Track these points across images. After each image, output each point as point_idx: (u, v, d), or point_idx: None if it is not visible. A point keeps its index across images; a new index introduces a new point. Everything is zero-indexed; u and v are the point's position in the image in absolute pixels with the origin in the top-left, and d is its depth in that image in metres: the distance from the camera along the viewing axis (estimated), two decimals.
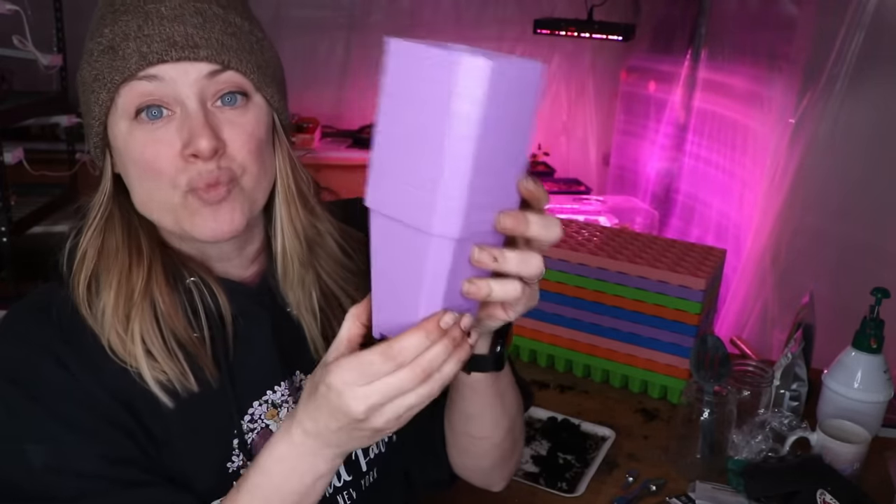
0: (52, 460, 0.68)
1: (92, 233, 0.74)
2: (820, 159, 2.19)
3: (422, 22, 3.81)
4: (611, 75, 4.01)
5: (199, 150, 0.67)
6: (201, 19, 0.68)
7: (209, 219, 0.70)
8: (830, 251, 2.18)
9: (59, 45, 2.62)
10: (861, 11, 1.98)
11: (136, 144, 0.69)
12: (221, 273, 0.79)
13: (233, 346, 0.76)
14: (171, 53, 0.66)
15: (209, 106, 0.69)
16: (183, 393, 0.72)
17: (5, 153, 2.26)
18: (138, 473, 0.71)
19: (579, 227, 1.76)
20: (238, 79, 0.70)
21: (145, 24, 0.67)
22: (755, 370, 1.46)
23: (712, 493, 1.25)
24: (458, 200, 0.51)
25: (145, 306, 0.72)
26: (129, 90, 0.68)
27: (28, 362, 0.70)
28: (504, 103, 0.51)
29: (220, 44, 0.68)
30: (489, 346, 0.71)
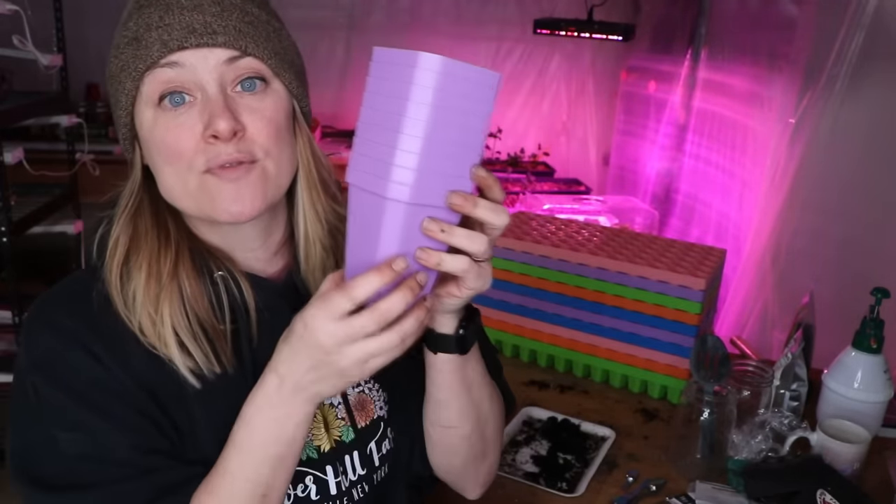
0: (82, 448, 0.70)
1: (123, 221, 0.76)
2: (820, 159, 2.19)
3: (422, 22, 3.81)
4: (611, 75, 4.01)
5: (217, 130, 0.69)
6: (219, 8, 0.71)
7: (229, 199, 0.72)
8: (830, 251, 2.18)
9: (59, 45, 2.62)
10: (861, 11, 1.98)
11: (159, 130, 0.72)
12: (245, 267, 0.81)
13: (256, 337, 0.78)
14: (191, 40, 0.69)
15: (229, 91, 0.72)
16: (210, 375, 0.74)
17: (5, 153, 2.27)
18: (164, 461, 0.73)
19: (579, 227, 1.76)
20: (256, 64, 0.72)
21: (166, 14, 0.70)
22: (755, 370, 1.46)
23: (712, 493, 1.25)
24: (408, 170, 0.61)
25: (173, 288, 0.74)
26: (152, 78, 0.71)
27: (58, 351, 0.72)
28: (456, 96, 0.61)
29: (237, 31, 0.71)
30: (454, 328, 0.76)
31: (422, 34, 3.79)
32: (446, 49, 3.21)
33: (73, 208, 2.81)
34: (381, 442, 0.88)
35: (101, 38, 3.86)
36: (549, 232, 1.71)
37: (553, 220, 1.81)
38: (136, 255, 0.75)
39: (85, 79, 3.51)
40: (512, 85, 4.01)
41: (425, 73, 0.60)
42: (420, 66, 0.60)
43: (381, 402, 0.88)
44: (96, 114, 3.45)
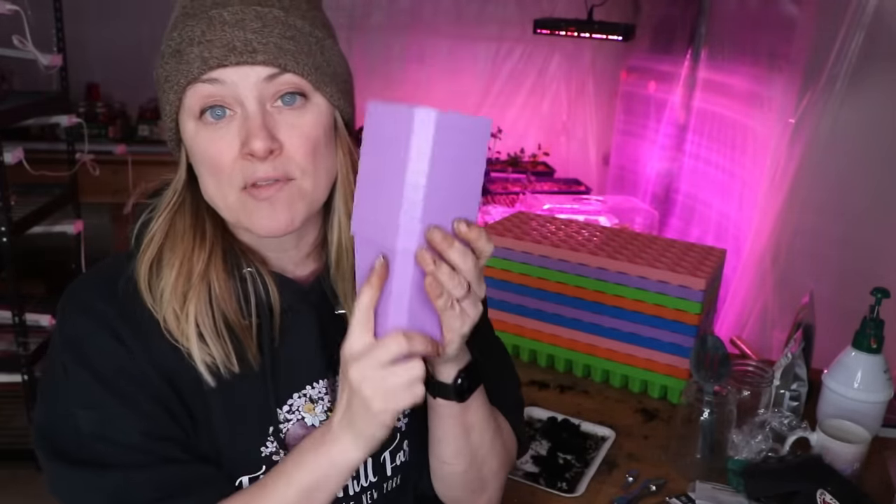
0: (98, 428, 0.73)
1: (163, 218, 0.78)
2: (820, 159, 2.19)
3: (422, 22, 3.81)
4: (611, 75, 4.01)
5: (253, 150, 0.70)
6: (261, 24, 0.71)
7: (265, 217, 0.74)
8: (830, 251, 2.18)
9: (59, 45, 2.62)
10: (861, 11, 1.98)
11: (201, 143, 0.73)
12: (277, 267, 0.82)
13: (279, 337, 0.80)
14: (231, 58, 0.70)
15: (268, 107, 0.72)
16: (226, 374, 0.75)
17: (5, 153, 2.27)
18: (177, 451, 0.75)
19: (579, 227, 1.76)
20: (296, 80, 0.73)
21: (208, 29, 0.71)
22: (755, 370, 1.46)
23: (712, 493, 1.25)
24: (413, 220, 0.65)
25: (202, 288, 0.76)
26: (193, 92, 0.72)
27: (87, 333, 0.75)
28: (453, 145, 0.65)
29: (277, 48, 0.71)
30: (452, 377, 0.77)
31: (422, 34, 3.79)
32: (446, 49, 3.21)
33: (73, 208, 2.81)
34: (396, 453, 0.89)
35: (101, 38, 3.87)
36: (549, 232, 1.71)
37: (553, 220, 1.81)
38: (170, 253, 0.77)
39: (85, 79, 3.51)
40: (512, 85, 4.01)
41: (422, 128, 0.63)
42: (417, 121, 0.63)
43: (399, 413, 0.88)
44: (96, 114, 3.45)
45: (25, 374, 2.45)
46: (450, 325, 0.70)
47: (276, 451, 0.80)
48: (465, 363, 0.78)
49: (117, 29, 3.59)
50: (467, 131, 0.66)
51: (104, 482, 0.73)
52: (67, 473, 0.74)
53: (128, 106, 3.64)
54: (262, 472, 0.79)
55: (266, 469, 0.79)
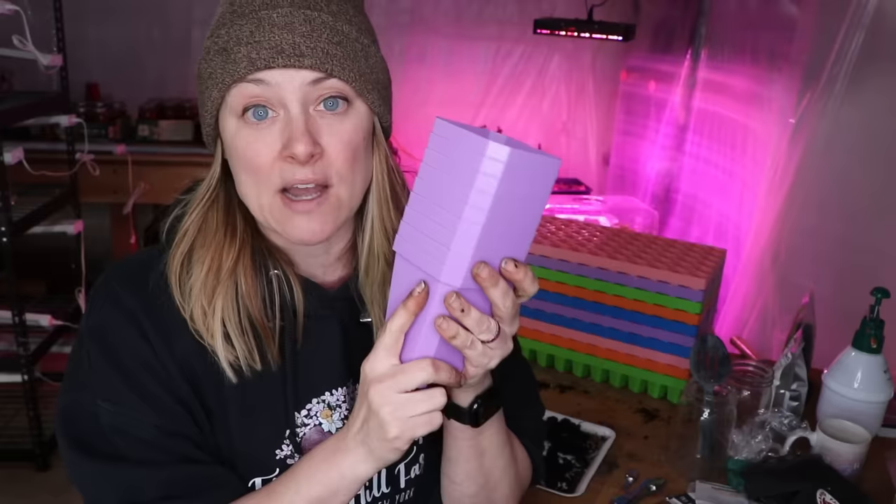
0: (116, 421, 0.74)
1: (196, 213, 0.79)
2: (820, 159, 2.19)
3: (422, 22, 3.81)
4: (611, 75, 4.01)
5: (295, 153, 0.71)
6: (309, 28, 0.71)
7: (300, 227, 0.74)
8: (830, 251, 2.18)
9: (59, 45, 2.62)
10: (861, 11, 1.98)
11: (241, 141, 0.73)
12: (305, 271, 0.83)
13: (301, 341, 0.80)
14: (278, 61, 0.70)
15: (311, 110, 0.73)
16: (248, 372, 0.76)
17: (5, 153, 2.27)
18: (193, 449, 0.75)
19: (579, 227, 1.76)
20: (340, 85, 0.73)
21: (257, 30, 0.71)
22: (755, 370, 1.46)
23: (712, 493, 1.25)
24: (464, 258, 0.63)
25: (230, 284, 0.77)
26: (238, 91, 0.72)
27: (113, 324, 0.76)
28: (519, 184, 0.62)
29: (324, 53, 0.71)
30: (468, 402, 0.77)
31: (422, 34, 3.78)
32: (446, 49, 3.21)
33: (73, 208, 2.81)
34: (411, 466, 0.88)
35: (101, 38, 3.86)
36: (549, 232, 1.71)
37: (553, 220, 1.81)
38: (202, 248, 0.77)
39: (85, 79, 3.51)
40: (512, 85, 4.01)
41: (492, 164, 0.60)
42: (487, 156, 0.60)
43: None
44: (96, 114, 3.44)
45: (25, 374, 2.45)
46: (476, 361, 0.69)
47: (291, 454, 0.80)
48: (483, 389, 0.77)
49: (117, 29, 3.60)
50: (535, 170, 0.64)
51: (117, 476, 0.74)
52: (83, 462, 0.74)
53: (128, 106, 3.63)
54: (276, 475, 0.79)
55: (280, 472, 0.79)
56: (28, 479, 2.53)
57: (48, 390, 2.64)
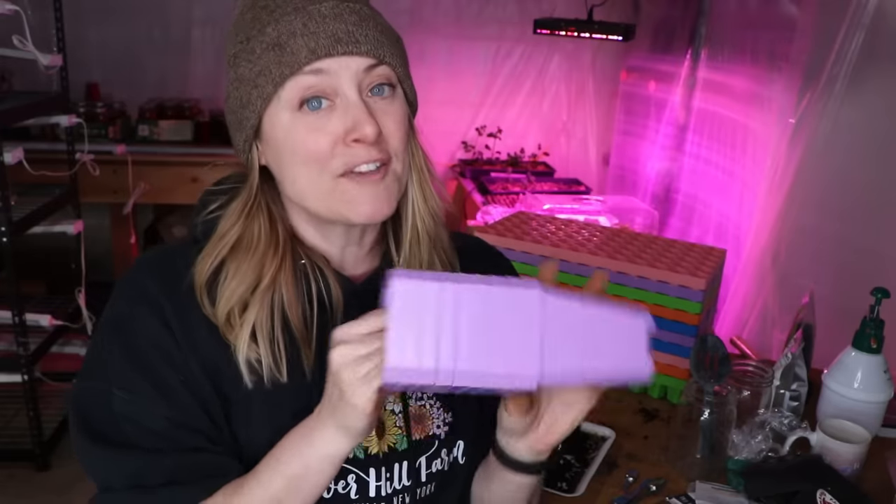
0: (128, 409, 0.75)
1: (240, 221, 0.80)
2: (820, 159, 2.19)
3: (422, 22, 3.81)
4: (611, 75, 4.01)
5: (364, 134, 0.74)
6: (358, 17, 0.75)
7: (367, 201, 0.76)
8: (830, 251, 2.18)
9: (59, 45, 2.62)
10: (861, 11, 1.98)
11: (298, 133, 0.75)
12: (338, 265, 0.84)
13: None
14: (338, 48, 0.73)
15: (364, 97, 0.76)
16: (268, 383, 0.76)
17: (5, 153, 2.27)
18: (200, 441, 0.76)
19: (579, 227, 1.76)
20: (388, 72, 0.77)
21: (310, 21, 0.73)
22: (755, 370, 1.46)
23: (712, 493, 1.25)
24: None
25: (267, 295, 0.77)
26: (294, 83, 0.74)
27: (138, 314, 0.77)
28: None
29: (376, 40, 0.75)
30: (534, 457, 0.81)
31: (422, 34, 3.78)
32: (446, 49, 3.19)
33: (73, 208, 2.81)
34: (433, 460, 0.88)
35: (101, 38, 3.86)
36: (549, 232, 1.71)
37: (553, 220, 1.81)
38: (242, 259, 0.78)
39: (85, 79, 3.51)
40: (512, 85, 4.01)
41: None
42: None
43: (439, 421, 0.88)
44: (96, 114, 3.44)
45: (25, 374, 2.45)
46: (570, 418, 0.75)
47: None
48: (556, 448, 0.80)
49: (117, 29, 3.59)
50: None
51: (125, 463, 0.75)
52: (92, 448, 0.75)
53: (128, 106, 3.63)
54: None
55: None
56: (28, 479, 2.53)
57: (48, 390, 2.64)
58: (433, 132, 0.87)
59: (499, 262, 1.01)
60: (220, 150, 3.38)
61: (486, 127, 3.88)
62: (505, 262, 1.01)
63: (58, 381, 2.65)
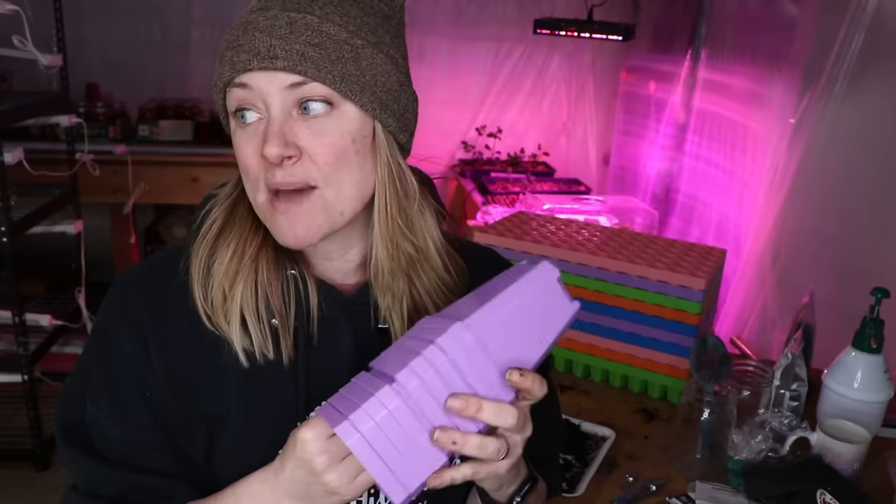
0: (93, 419, 0.78)
1: (225, 205, 0.81)
2: (820, 159, 2.19)
3: (422, 22, 3.81)
4: (611, 75, 4.01)
5: (266, 155, 0.71)
6: (288, 30, 0.71)
7: (284, 228, 0.74)
8: (830, 251, 2.18)
9: (59, 45, 2.62)
10: (861, 11, 1.98)
11: (235, 143, 0.76)
12: (321, 273, 0.82)
13: (315, 341, 0.80)
14: (254, 63, 0.71)
15: (293, 113, 0.72)
16: (261, 359, 0.77)
17: (5, 153, 2.27)
18: (155, 460, 0.77)
19: (579, 227, 1.76)
20: (321, 89, 0.71)
21: (243, 34, 0.72)
22: (755, 370, 1.46)
23: (712, 493, 1.25)
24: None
25: (251, 270, 0.77)
26: (230, 94, 0.74)
27: (115, 328, 0.78)
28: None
29: (300, 55, 0.70)
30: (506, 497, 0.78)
31: (422, 34, 3.78)
32: (446, 49, 3.19)
33: (73, 208, 2.81)
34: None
35: (101, 38, 3.86)
36: (549, 232, 1.71)
37: (553, 220, 1.81)
38: (228, 233, 0.79)
39: (85, 79, 3.51)
40: (512, 85, 4.01)
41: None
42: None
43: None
44: (96, 114, 3.44)
45: (25, 374, 2.45)
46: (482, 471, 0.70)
47: None
48: (519, 483, 0.77)
49: (117, 29, 3.59)
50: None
51: (88, 467, 0.78)
52: (64, 446, 0.79)
53: (128, 106, 3.63)
54: None
55: None
56: (28, 479, 2.53)
57: (48, 390, 2.64)
58: (433, 132, 0.86)
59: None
60: (220, 150, 3.38)
61: (486, 127, 3.88)
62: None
63: (58, 381, 2.65)
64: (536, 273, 0.68)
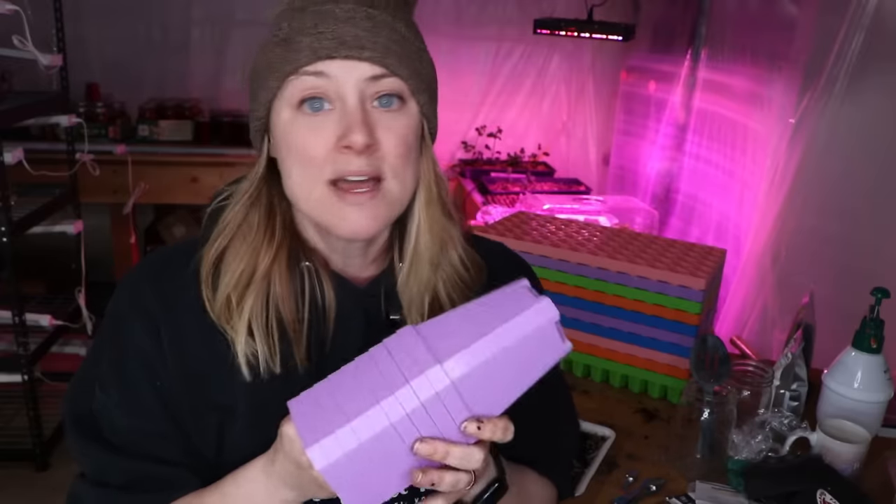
0: (101, 407, 0.78)
1: (239, 208, 0.80)
2: (820, 159, 2.19)
3: (421, 22, 3.81)
4: (611, 75, 4.01)
5: (353, 142, 0.72)
6: (371, 24, 0.72)
7: (350, 219, 0.74)
8: (830, 251, 2.18)
9: (59, 45, 2.62)
10: (861, 11, 1.98)
11: (295, 133, 0.74)
12: (340, 269, 0.82)
13: (330, 339, 0.80)
14: (340, 51, 0.71)
15: (367, 106, 0.73)
16: (265, 374, 0.76)
17: (5, 153, 2.27)
18: (163, 449, 0.77)
19: (579, 227, 1.76)
20: (397, 84, 0.74)
21: (321, 21, 0.72)
22: (755, 370, 1.46)
23: (712, 493, 1.25)
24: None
25: (262, 286, 0.77)
26: (297, 82, 0.73)
27: (127, 317, 0.78)
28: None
29: (385, 48, 0.72)
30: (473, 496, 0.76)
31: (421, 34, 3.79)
32: (446, 49, 3.19)
33: (73, 208, 2.81)
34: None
35: (101, 38, 3.85)
36: (549, 232, 1.71)
37: (553, 220, 1.81)
38: (241, 243, 0.78)
39: (85, 79, 3.51)
40: (512, 85, 4.01)
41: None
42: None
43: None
44: (96, 114, 3.44)
45: (25, 374, 2.45)
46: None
47: None
48: (487, 482, 0.77)
49: (117, 29, 3.59)
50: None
51: (95, 454, 0.78)
52: (73, 432, 0.79)
53: (128, 106, 3.63)
54: None
55: None
56: (28, 479, 2.53)
57: (48, 390, 2.64)
58: None
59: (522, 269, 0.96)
60: (220, 150, 3.39)
61: (486, 127, 3.88)
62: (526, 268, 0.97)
63: (58, 381, 2.65)
64: (534, 313, 0.64)
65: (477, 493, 0.75)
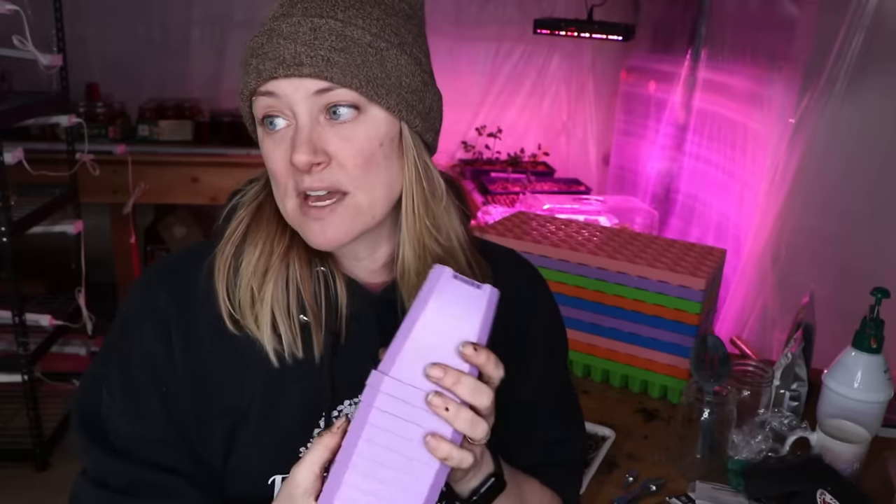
0: (106, 409, 0.78)
1: (251, 207, 0.80)
2: (820, 159, 2.19)
3: None
4: (611, 75, 4.01)
5: (294, 162, 0.71)
6: (313, 36, 0.71)
7: (315, 233, 0.74)
8: (830, 251, 2.18)
9: (59, 45, 2.62)
10: (861, 11, 1.98)
11: (263, 149, 0.75)
12: (349, 272, 0.82)
13: (343, 339, 0.80)
14: (280, 71, 0.71)
15: (321, 119, 0.72)
16: (289, 360, 0.76)
17: (5, 153, 2.27)
18: (164, 455, 0.77)
19: (579, 227, 1.76)
20: (347, 94, 0.72)
21: (267, 42, 0.72)
22: (755, 370, 1.46)
23: (712, 493, 1.25)
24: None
25: (281, 268, 0.77)
26: (256, 102, 0.74)
27: (137, 320, 0.78)
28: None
29: (325, 61, 0.70)
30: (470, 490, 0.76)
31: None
32: (446, 49, 3.19)
33: (73, 208, 2.81)
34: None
35: (101, 38, 3.86)
36: (549, 232, 1.71)
37: (553, 220, 1.81)
38: (255, 233, 0.78)
39: (85, 79, 3.51)
40: (512, 85, 4.01)
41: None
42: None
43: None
44: (96, 114, 3.44)
45: (25, 374, 2.45)
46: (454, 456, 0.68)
47: None
48: (482, 478, 0.76)
49: (117, 29, 3.59)
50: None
51: (98, 454, 0.78)
52: (77, 431, 0.79)
53: (128, 106, 3.63)
54: None
55: None
56: (28, 479, 2.54)
57: (48, 390, 2.64)
58: None
59: (530, 275, 0.95)
60: (220, 150, 3.39)
61: (486, 127, 3.88)
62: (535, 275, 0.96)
63: (58, 381, 2.65)
64: (429, 283, 0.66)
65: (474, 487, 0.75)
